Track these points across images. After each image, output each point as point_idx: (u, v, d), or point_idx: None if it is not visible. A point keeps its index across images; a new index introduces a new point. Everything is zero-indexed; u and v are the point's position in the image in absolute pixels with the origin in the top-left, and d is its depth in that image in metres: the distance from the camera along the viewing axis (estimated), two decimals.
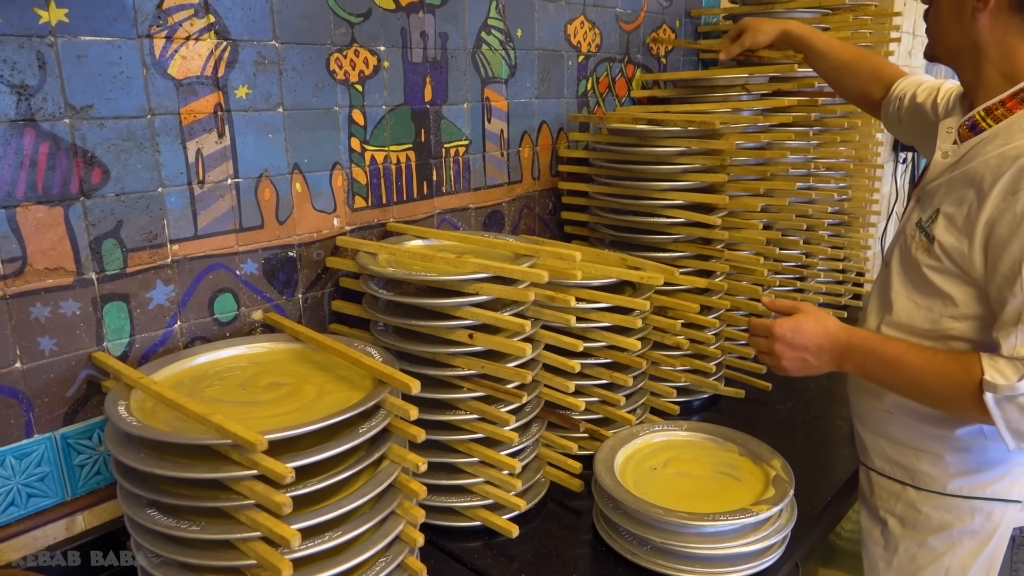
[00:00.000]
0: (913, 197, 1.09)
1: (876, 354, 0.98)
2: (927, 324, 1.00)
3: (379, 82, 1.25)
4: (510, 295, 1.03)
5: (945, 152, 1.01)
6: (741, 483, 1.12)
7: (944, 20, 0.99)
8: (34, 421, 0.94)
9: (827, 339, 1.01)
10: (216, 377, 0.99)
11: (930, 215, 0.99)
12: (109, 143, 0.95)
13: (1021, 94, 0.92)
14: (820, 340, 1.01)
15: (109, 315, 0.99)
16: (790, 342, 1.02)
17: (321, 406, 0.90)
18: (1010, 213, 0.87)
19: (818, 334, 1.01)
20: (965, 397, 0.90)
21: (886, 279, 1.08)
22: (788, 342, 1.02)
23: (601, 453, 1.16)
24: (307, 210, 1.19)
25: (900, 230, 1.10)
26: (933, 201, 1.00)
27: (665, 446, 1.22)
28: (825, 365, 1.03)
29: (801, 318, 1.03)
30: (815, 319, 1.03)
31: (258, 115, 1.10)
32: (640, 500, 1.03)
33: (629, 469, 1.15)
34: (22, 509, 0.95)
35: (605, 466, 1.12)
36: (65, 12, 0.89)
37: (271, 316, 1.15)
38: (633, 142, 1.49)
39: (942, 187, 0.98)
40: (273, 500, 0.76)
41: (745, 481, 1.12)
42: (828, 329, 1.02)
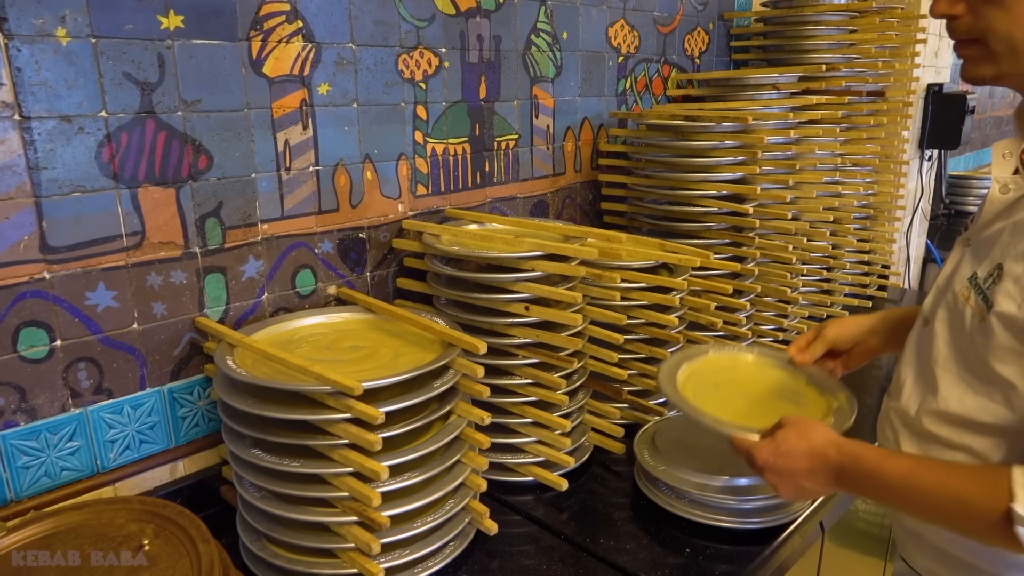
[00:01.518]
0: (960, 242, 0.87)
1: (874, 476, 0.80)
2: (988, 417, 0.78)
3: (440, 80, 1.37)
4: (563, 271, 1.14)
5: (1005, 186, 0.79)
6: (801, 408, 1.07)
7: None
8: (147, 376, 1.08)
9: (816, 460, 0.85)
10: (303, 341, 1.11)
11: (989, 272, 0.77)
12: (213, 133, 1.08)
13: None
14: (808, 462, 0.85)
15: (209, 285, 1.12)
16: (774, 468, 0.88)
17: (398, 364, 1.02)
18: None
19: (803, 454, 0.85)
20: (991, 530, 0.71)
21: (928, 344, 0.86)
22: (773, 469, 0.88)
23: (667, 364, 1.15)
24: (376, 196, 1.31)
25: (946, 283, 0.87)
26: (992, 252, 0.78)
27: (731, 364, 1.20)
28: (824, 487, 0.86)
29: (781, 437, 0.88)
30: (797, 433, 0.87)
31: (336, 110, 1.23)
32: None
33: (692, 383, 1.13)
34: (135, 453, 1.09)
35: (669, 376, 1.11)
36: (181, 19, 1.02)
37: (344, 291, 1.28)
38: (670, 137, 1.59)
39: (1004, 233, 0.77)
40: (366, 438, 0.88)
41: (805, 408, 1.07)
42: (814, 447, 0.85)
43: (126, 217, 1.02)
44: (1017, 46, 0.74)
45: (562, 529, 1.11)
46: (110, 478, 1.06)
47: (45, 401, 0.99)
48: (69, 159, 0.95)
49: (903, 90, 2.14)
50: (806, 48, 1.97)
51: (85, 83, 0.95)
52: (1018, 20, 0.73)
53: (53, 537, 0.86)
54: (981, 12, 0.75)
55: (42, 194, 0.94)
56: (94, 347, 1.02)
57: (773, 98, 1.77)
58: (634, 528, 1.12)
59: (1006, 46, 0.74)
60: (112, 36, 0.96)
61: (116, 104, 0.98)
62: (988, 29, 0.75)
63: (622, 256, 1.24)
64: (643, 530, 1.11)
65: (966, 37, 0.78)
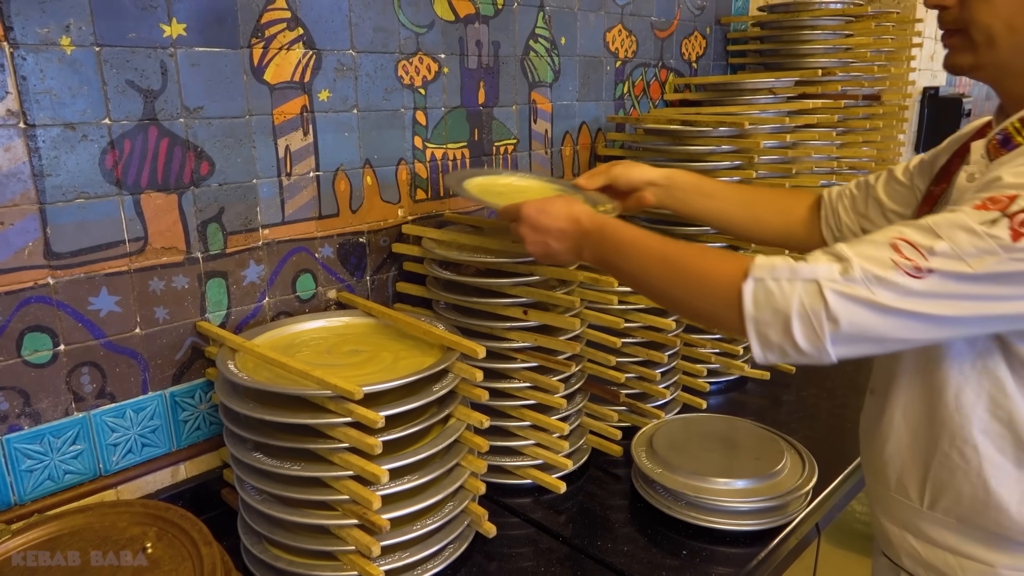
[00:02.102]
0: None
1: (616, 240, 0.90)
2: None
3: (439, 86, 1.38)
4: (561, 275, 1.15)
5: (971, 174, 0.84)
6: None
7: (1004, 8, 0.77)
8: (149, 380, 1.09)
9: (569, 222, 0.95)
10: (303, 345, 1.13)
11: None
12: (215, 139, 1.10)
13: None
14: (562, 223, 0.95)
15: (211, 290, 1.13)
16: (534, 223, 0.98)
17: (398, 368, 1.04)
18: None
19: (560, 215, 0.95)
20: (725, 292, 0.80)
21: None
22: (532, 223, 0.98)
23: (457, 172, 1.30)
24: (376, 201, 1.33)
25: None
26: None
27: (519, 184, 1.32)
28: (567, 252, 0.97)
29: (550, 199, 0.98)
30: (566, 201, 0.97)
31: (336, 116, 1.24)
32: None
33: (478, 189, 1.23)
34: (137, 456, 1.10)
35: (458, 179, 1.24)
36: (184, 27, 1.03)
37: (344, 295, 1.29)
38: (667, 141, 1.61)
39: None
40: (366, 442, 0.89)
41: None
42: (572, 212, 0.95)
43: (129, 223, 1.03)
44: (995, 36, 0.79)
45: (560, 531, 1.13)
46: (112, 481, 1.07)
47: (49, 405, 1.00)
48: (73, 166, 0.97)
49: (899, 94, 2.16)
50: (802, 52, 1.99)
51: (89, 91, 0.96)
52: (999, 12, 0.78)
53: (56, 540, 0.87)
54: (967, 3, 0.80)
55: (46, 201, 0.95)
56: (97, 352, 1.03)
57: (769, 102, 1.79)
58: (631, 530, 1.13)
59: (985, 36, 0.80)
60: (116, 44, 0.97)
61: (119, 111, 0.99)
62: (971, 19, 0.80)
63: None
64: (640, 532, 1.13)
65: (952, 27, 0.83)
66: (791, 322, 0.76)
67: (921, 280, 0.72)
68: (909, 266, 0.72)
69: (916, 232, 0.74)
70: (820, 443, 1.34)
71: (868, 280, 0.73)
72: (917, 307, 0.73)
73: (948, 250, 0.72)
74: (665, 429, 1.31)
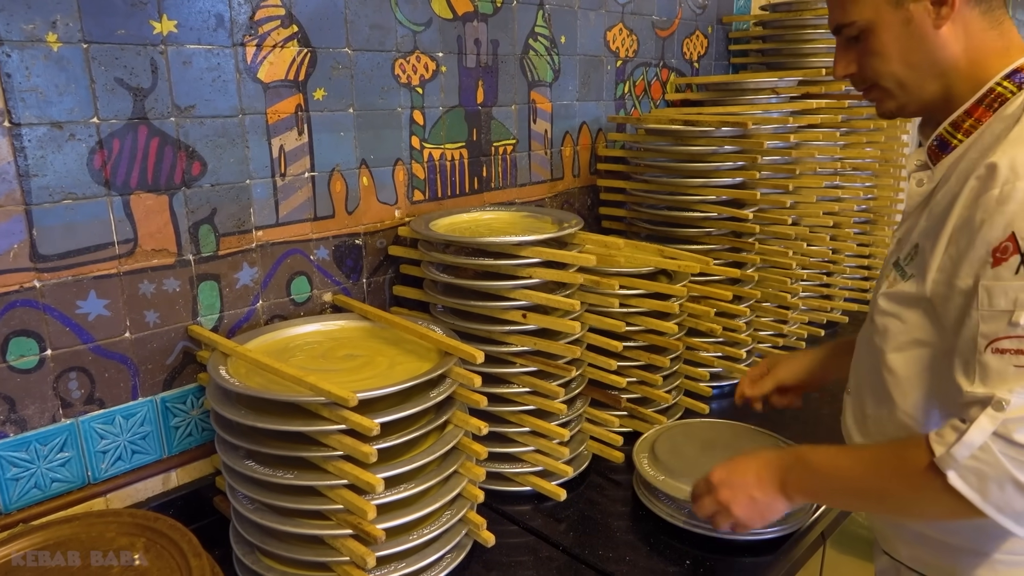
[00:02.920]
0: (893, 244, 0.95)
1: (809, 465, 0.88)
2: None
3: (437, 85, 1.36)
4: (561, 278, 1.13)
5: (920, 180, 0.89)
6: None
7: (896, 56, 0.84)
8: (139, 385, 1.06)
9: (762, 466, 0.92)
10: (297, 349, 1.10)
11: (908, 252, 0.87)
12: (207, 139, 1.07)
13: (987, 100, 0.82)
14: (755, 470, 0.92)
15: (203, 293, 1.11)
16: (729, 483, 0.94)
17: (394, 374, 1.01)
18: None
19: (751, 466, 0.93)
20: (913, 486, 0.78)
21: (875, 375, 0.92)
22: (728, 484, 0.94)
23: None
24: (372, 202, 1.30)
25: (871, 309, 0.94)
26: (911, 236, 0.88)
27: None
28: (773, 498, 0.91)
29: (735, 459, 0.96)
30: (749, 454, 0.95)
31: (332, 115, 1.21)
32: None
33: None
34: (127, 463, 1.07)
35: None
36: (175, 24, 1.01)
37: (340, 298, 1.26)
38: (669, 142, 1.58)
39: (922, 218, 0.86)
40: (361, 450, 0.87)
41: None
42: (760, 458, 0.93)
43: (118, 224, 1.00)
44: (901, 79, 0.85)
45: (560, 540, 1.10)
46: (101, 489, 1.04)
47: (35, 411, 0.97)
48: (60, 166, 0.94)
49: None
50: (805, 52, 1.96)
51: (76, 89, 0.94)
52: (893, 59, 0.84)
53: (42, 552, 0.84)
54: (865, 64, 0.87)
55: (32, 202, 0.93)
56: (85, 356, 1.00)
57: (772, 102, 1.76)
58: (633, 538, 1.11)
59: (894, 82, 0.86)
60: (104, 41, 0.95)
61: (108, 110, 0.97)
62: (875, 74, 0.87)
63: (620, 263, 1.22)
64: (642, 541, 1.10)
65: (864, 86, 0.90)
66: (1017, 477, 0.72)
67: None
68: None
69: (989, 325, 0.74)
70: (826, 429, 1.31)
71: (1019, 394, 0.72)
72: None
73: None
74: (667, 435, 1.28)
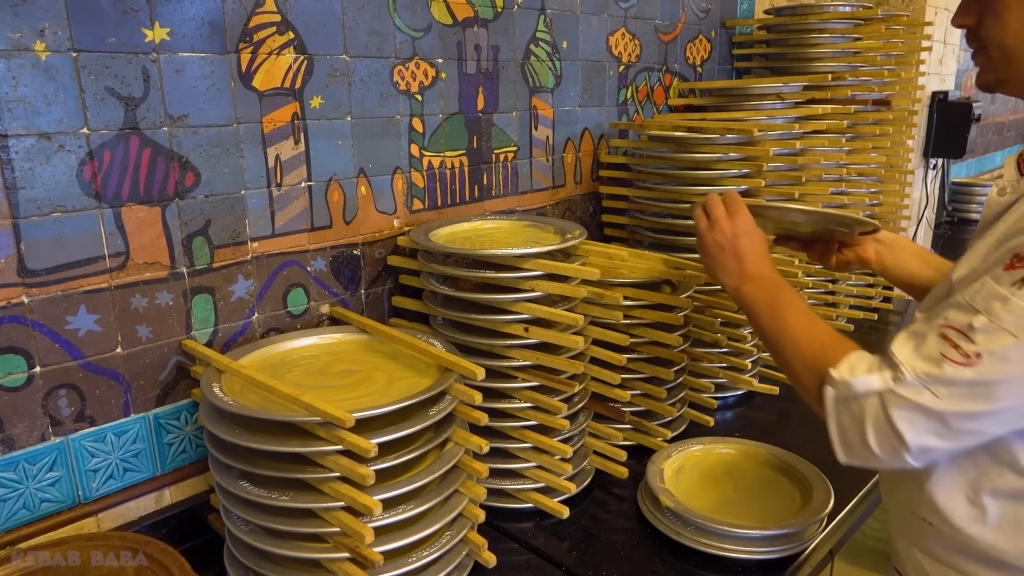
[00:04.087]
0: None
1: (775, 293, 0.93)
2: None
3: (436, 92, 1.33)
4: (564, 291, 1.10)
5: (1003, 188, 0.80)
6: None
7: (1013, 27, 0.77)
8: (131, 402, 1.04)
9: (757, 259, 0.98)
10: (293, 364, 1.07)
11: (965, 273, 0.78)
12: (201, 149, 1.04)
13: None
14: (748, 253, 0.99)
15: (197, 306, 1.08)
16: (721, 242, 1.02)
17: (393, 391, 0.98)
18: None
19: (759, 250, 0.99)
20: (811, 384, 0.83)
21: None
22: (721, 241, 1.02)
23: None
24: (370, 211, 1.27)
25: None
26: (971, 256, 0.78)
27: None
28: (729, 278, 1.00)
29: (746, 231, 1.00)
30: (759, 239, 1.00)
31: (329, 123, 1.19)
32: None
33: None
34: (119, 482, 1.04)
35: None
36: (167, 31, 0.98)
37: (337, 310, 1.24)
38: (672, 148, 1.56)
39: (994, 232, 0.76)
40: (358, 472, 0.84)
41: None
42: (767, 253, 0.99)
43: (109, 237, 0.98)
44: (1009, 51, 0.79)
45: (563, 559, 1.07)
46: (92, 509, 1.01)
47: (24, 430, 0.95)
48: (49, 178, 0.91)
49: (908, 98, 2.11)
50: (810, 57, 1.94)
51: (66, 99, 0.91)
52: (1009, 28, 0.77)
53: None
54: (984, 22, 0.80)
55: (20, 215, 0.90)
56: (75, 373, 0.98)
57: (777, 108, 1.74)
58: (638, 557, 1.08)
59: (1000, 52, 0.80)
60: (94, 50, 0.92)
61: (98, 120, 0.94)
62: (987, 37, 0.80)
63: (624, 273, 1.20)
64: (648, 560, 1.07)
65: (976, 45, 0.84)
66: (867, 434, 0.76)
67: (973, 367, 0.69)
68: (958, 355, 0.70)
69: (957, 312, 0.72)
70: (833, 462, 1.28)
71: (922, 380, 0.72)
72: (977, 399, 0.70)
73: (988, 325, 0.69)
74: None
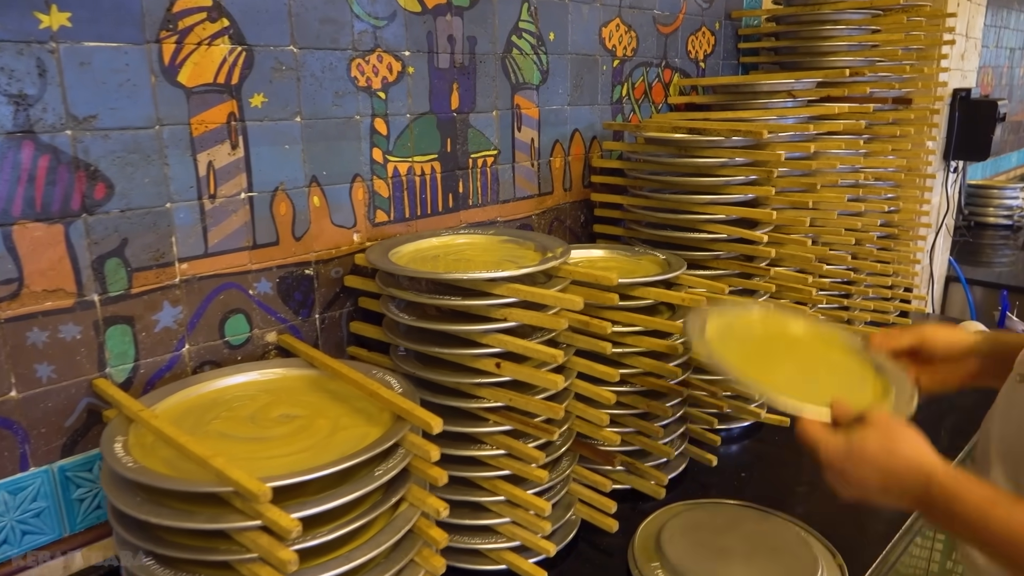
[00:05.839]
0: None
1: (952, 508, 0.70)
2: None
3: (403, 89, 1.17)
4: (541, 322, 0.94)
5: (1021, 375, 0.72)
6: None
7: None
8: (30, 453, 0.88)
9: (892, 480, 0.74)
10: (225, 407, 0.92)
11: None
12: (114, 156, 0.89)
13: None
14: (882, 479, 0.74)
15: (112, 339, 0.92)
16: (841, 473, 0.76)
17: (334, 443, 0.83)
18: None
19: (880, 469, 0.74)
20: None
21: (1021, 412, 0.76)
22: (840, 473, 0.76)
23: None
24: (325, 225, 1.12)
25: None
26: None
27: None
28: (895, 502, 0.76)
29: (859, 438, 0.75)
30: (880, 439, 0.74)
31: (274, 125, 1.03)
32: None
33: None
34: (16, 547, 0.89)
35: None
36: (68, 16, 0.82)
37: (285, 339, 1.08)
38: (672, 152, 1.40)
39: None
40: (277, 556, 0.68)
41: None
42: (894, 465, 0.73)
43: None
44: None
45: None
46: None
47: None
48: None
49: (929, 96, 1.94)
50: (823, 51, 1.77)
51: None
52: None
53: None
54: None
55: None
56: None
57: (789, 107, 1.57)
58: None
59: None
60: None
61: None
62: None
63: (614, 300, 1.04)
64: None
65: None
66: None
67: None
68: None
69: None
70: (846, 521, 1.12)
71: None
72: None
73: None
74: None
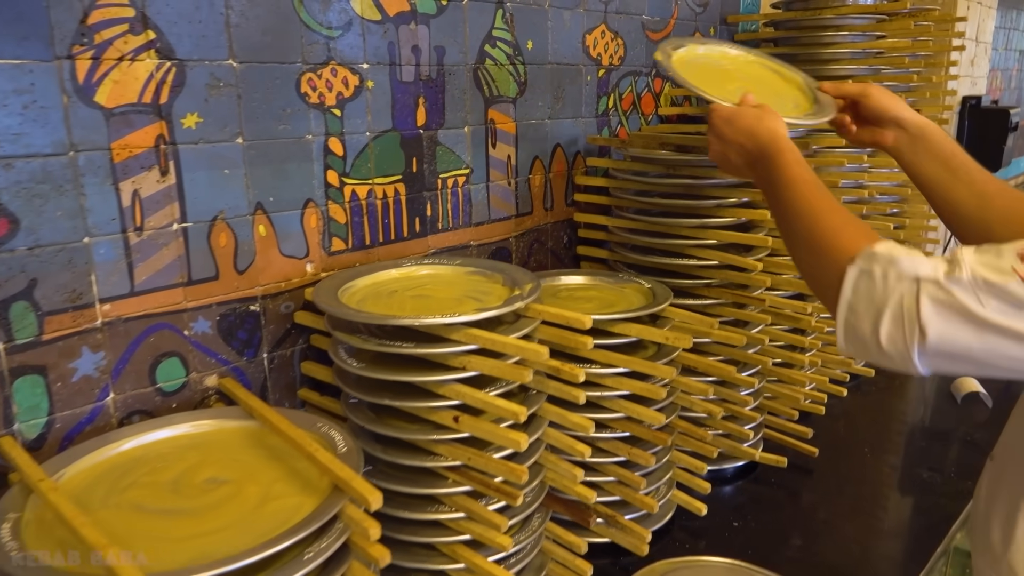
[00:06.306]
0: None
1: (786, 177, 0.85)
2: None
3: (362, 105, 1.07)
4: (502, 373, 0.84)
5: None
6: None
7: None
8: None
9: (750, 138, 0.93)
10: (147, 467, 0.81)
11: None
12: (19, 187, 0.79)
13: None
14: (743, 138, 0.94)
15: (20, 392, 0.82)
16: (719, 132, 0.97)
17: (262, 518, 0.72)
18: None
19: (744, 130, 0.93)
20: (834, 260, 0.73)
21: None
22: (717, 132, 0.97)
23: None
24: (273, 256, 1.01)
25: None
26: None
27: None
28: (744, 167, 0.96)
29: (743, 110, 0.96)
30: (757, 114, 0.94)
31: (211, 147, 0.93)
32: None
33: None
34: None
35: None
36: None
37: (227, 383, 0.98)
38: (659, 172, 1.29)
39: None
40: None
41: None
42: (757, 129, 0.92)
43: None
44: None
45: None
46: None
47: None
48: None
49: (938, 105, 1.83)
50: (825, 58, 1.67)
51: None
52: None
53: None
54: None
55: None
56: None
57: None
58: None
59: None
60: None
61: None
62: None
63: (588, 344, 0.93)
64: None
65: None
66: (881, 320, 0.67)
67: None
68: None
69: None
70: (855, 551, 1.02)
71: (976, 285, 0.63)
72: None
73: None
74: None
